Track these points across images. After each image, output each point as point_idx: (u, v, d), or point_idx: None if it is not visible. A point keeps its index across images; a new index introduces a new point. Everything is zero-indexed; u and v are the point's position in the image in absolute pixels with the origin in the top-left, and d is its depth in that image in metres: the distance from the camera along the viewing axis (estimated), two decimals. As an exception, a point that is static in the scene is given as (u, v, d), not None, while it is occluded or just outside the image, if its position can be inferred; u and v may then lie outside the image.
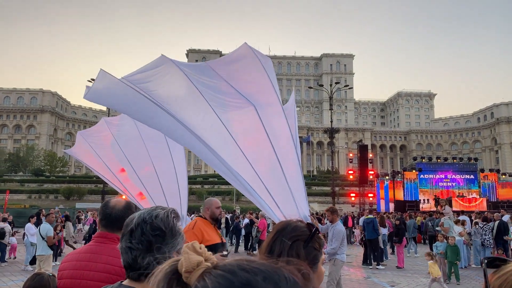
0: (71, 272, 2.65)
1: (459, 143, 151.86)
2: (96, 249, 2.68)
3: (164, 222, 1.82)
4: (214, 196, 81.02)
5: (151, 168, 5.92)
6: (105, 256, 2.61)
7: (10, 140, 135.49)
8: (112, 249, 2.63)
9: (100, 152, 6.02)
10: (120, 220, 2.72)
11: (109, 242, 2.70)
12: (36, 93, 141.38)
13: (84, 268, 2.61)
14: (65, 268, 2.71)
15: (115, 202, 2.86)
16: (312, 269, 1.85)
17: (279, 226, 1.97)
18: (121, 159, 5.96)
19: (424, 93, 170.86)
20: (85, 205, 57.42)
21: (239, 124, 3.69)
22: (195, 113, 3.55)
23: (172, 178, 6.08)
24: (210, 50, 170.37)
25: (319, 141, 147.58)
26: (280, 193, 3.77)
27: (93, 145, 6.08)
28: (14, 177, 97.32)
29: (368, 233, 17.63)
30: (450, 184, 49.50)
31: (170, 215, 1.86)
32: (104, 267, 2.56)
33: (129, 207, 2.85)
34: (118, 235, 2.70)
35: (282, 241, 1.86)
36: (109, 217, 2.78)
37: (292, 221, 2.01)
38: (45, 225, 12.78)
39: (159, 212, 1.85)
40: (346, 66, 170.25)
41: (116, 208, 2.80)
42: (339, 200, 64.36)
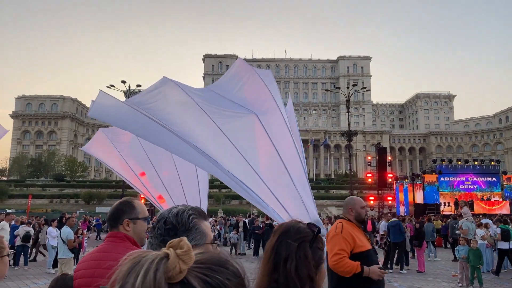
0: (84, 271, 2.74)
1: (480, 145, 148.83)
2: (107, 248, 2.78)
3: (176, 217, 1.90)
4: (231, 200, 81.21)
5: (173, 171, 5.93)
6: (114, 254, 2.67)
7: (32, 146, 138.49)
8: (121, 246, 2.72)
9: (123, 152, 6.04)
10: (110, 219, 2.88)
11: (119, 240, 2.78)
12: (57, 99, 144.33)
13: (95, 267, 2.69)
14: (80, 268, 2.81)
15: (113, 205, 2.97)
16: (318, 269, 1.88)
17: (282, 228, 1.97)
18: (143, 160, 5.99)
19: (443, 94, 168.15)
20: (105, 209, 58.18)
21: (241, 133, 3.73)
22: (197, 127, 3.63)
23: (193, 181, 6.10)
24: (226, 54, 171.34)
25: (336, 144, 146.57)
26: (289, 198, 3.78)
27: (116, 143, 6.07)
28: (36, 182, 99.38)
29: (395, 236, 17.35)
30: (472, 186, 48.46)
31: (186, 212, 1.92)
32: (113, 265, 2.59)
33: (117, 206, 2.92)
34: (125, 233, 2.82)
35: (288, 243, 1.86)
36: (107, 218, 2.93)
37: (293, 223, 2.02)
38: (66, 228, 12.98)
39: (175, 209, 1.95)
40: (363, 68, 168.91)
41: (112, 208, 2.93)
42: (357, 203, 63.52)
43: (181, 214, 1.91)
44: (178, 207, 1.98)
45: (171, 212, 1.93)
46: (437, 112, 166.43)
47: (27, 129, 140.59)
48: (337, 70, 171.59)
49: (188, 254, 0.82)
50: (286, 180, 3.74)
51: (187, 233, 1.86)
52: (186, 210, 1.94)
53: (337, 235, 4.57)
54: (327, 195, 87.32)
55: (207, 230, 1.95)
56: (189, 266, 0.81)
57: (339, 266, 4.41)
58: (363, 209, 4.84)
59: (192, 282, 0.80)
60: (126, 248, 2.68)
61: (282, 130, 3.81)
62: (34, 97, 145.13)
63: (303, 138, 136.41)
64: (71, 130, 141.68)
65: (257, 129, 3.70)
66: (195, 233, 1.88)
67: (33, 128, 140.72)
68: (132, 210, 2.90)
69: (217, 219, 34.07)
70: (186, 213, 1.92)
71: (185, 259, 0.81)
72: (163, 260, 0.81)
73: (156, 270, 0.79)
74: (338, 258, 4.42)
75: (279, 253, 1.84)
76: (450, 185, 48.57)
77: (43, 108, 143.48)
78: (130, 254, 0.84)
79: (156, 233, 1.90)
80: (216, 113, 3.64)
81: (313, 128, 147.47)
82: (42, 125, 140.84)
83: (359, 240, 4.57)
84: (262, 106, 3.80)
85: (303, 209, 3.79)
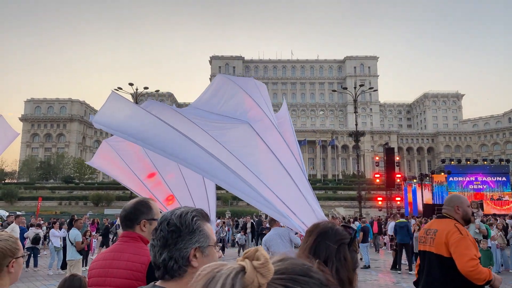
0: (98, 271, 2.78)
1: (489, 144, 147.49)
2: (120, 248, 2.80)
3: (180, 219, 1.86)
4: (238, 201, 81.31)
5: (177, 173, 5.94)
6: (127, 254, 2.71)
7: (41, 149, 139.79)
8: (135, 247, 2.75)
9: (127, 159, 6.05)
10: (126, 219, 2.88)
11: (132, 240, 2.80)
12: (65, 102, 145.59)
13: (109, 266, 2.72)
14: (93, 267, 2.85)
15: (127, 204, 2.97)
16: (355, 272, 1.85)
17: (319, 229, 1.93)
18: (148, 163, 6.00)
19: (451, 93, 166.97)
20: (114, 211, 58.49)
21: (238, 143, 3.74)
22: (195, 137, 3.62)
23: (199, 182, 6.09)
24: (233, 56, 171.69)
25: (344, 145, 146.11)
26: (294, 201, 3.77)
27: (120, 152, 6.09)
28: (46, 185, 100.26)
29: (402, 237, 17.24)
30: (481, 186, 48.07)
31: (190, 213, 1.89)
32: (125, 265, 2.67)
33: (135, 205, 2.91)
34: (139, 233, 2.83)
35: (327, 245, 1.83)
36: (121, 218, 2.92)
37: (330, 224, 1.98)
38: (74, 230, 13.06)
39: (177, 211, 1.91)
40: (370, 68, 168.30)
41: (125, 209, 2.92)
42: (365, 204, 63.34)
43: (184, 216, 1.87)
44: (181, 208, 1.95)
45: (174, 213, 1.89)
46: (445, 112, 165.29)
47: (36, 132, 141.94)
48: (344, 71, 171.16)
49: (266, 266, 0.74)
50: (289, 183, 3.74)
51: (191, 235, 1.84)
52: (189, 211, 1.91)
53: (464, 238, 4.24)
54: (335, 196, 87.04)
55: (211, 232, 1.93)
56: (268, 280, 0.73)
57: (476, 273, 4.11)
58: (469, 208, 4.61)
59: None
60: (140, 248, 2.74)
61: (274, 135, 3.84)
62: (43, 100, 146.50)
63: (310, 139, 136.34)
64: (79, 133, 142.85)
65: (252, 136, 3.71)
66: (198, 235, 1.85)
67: (42, 131, 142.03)
68: (149, 210, 2.91)
69: (225, 220, 34.10)
70: (190, 214, 1.89)
71: (263, 272, 0.74)
72: (240, 274, 0.74)
73: (232, 285, 0.72)
74: (476, 264, 4.14)
75: (318, 254, 1.81)
76: (459, 185, 48.22)
77: (51, 111, 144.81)
78: (203, 269, 0.78)
79: (158, 235, 1.85)
80: (208, 125, 3.66)
81: (320, 129, 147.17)
82: (51, 128, 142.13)
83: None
84: (249, 115, 3.85)
85: (309, 210, 3.78)
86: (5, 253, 2.22)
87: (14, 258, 2.26)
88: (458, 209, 4.53)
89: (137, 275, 2.59)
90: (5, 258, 2.22)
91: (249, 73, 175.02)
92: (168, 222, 1.85)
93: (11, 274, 2.25)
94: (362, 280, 14.76)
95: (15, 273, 2.28)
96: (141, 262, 2.65)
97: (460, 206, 4.53)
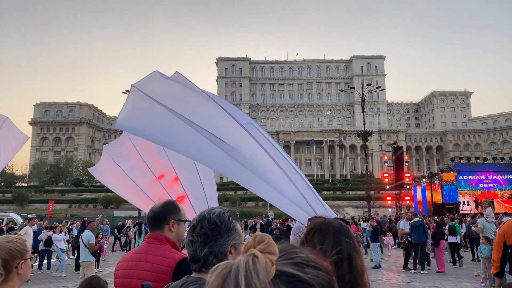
0: (124, 271, 2.80)
1: (499, 142, 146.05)
2: (146, 249, 2.80)
3: (219, 218, 2.04)
4: (247, 202, 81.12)
5: (194, 173, 5.92)
6: (153, 256, 2.73)
7: (51, 152, 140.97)
8: (161, 249, 2.76)
9: (125, 166, 5.95)
10: (156, 219, 2.88)
11: (157, 242, 2.80)
12: (74, 106, 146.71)
13: (135, 267, 2.74)
14: (119, 268, 2.87)
15: (156, 204, 2.98)
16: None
17: (332, 226, 1.98)
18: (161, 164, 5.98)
19: (459, 92, 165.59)
20: (123, 213, 58.88)
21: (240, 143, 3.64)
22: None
23: (197, 184, 6.06)
24: (239, 57, 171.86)
25: (351, 145, 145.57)
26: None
27: (118, 159, 6.00)
28: (55, 188, 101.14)
29: (418, 236, 17.05)
30: (491, 185, 47.56)
31: (226, 213, 2.08)
32: (151, 266, 2.69)
33: (165, 206, 2.93)
34: (165, 235, 2.84)
35: (346, 241, 1.91)
36: (149, 218, 2.93)
37: (332, 220, 2.06)
38: (87, 232, 13.17)
39: (216, 210, 2.09)
40: (377, 67, 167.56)
41: (153, 210, 2.94)
42: (374, 204, 63.07)
43: (222, 215, 2.05)
44: (216, 208, 2.12)
45: (212, 213, 2.06)
46: (453, 110, 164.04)
47: (45, 135, 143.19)
48: (351, 70, 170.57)
49: (270, 243, 0.80)
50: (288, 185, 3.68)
51: (229, 233, 2.02)
52: (226, 211, 2.09)
53: None
54: (344, 196, 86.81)
55: (241, 231, 2.12)
56: (277, 255, 0.79)
57: None
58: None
59: (285, 270, 0.77)
60: (166, 250, 2.74)
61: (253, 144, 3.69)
62: (52, 104, 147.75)
63: (318, 139, 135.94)
64: (88, 136, 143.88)
65: (252, 141, 3.56)
66: (234, 233, 2.04)
67: (51, 135, 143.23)
68: (178, 211, 2.94)
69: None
70: (226, 214, 2.07)
71: (270, 250, 0.79)
72: (255, 259, 0.77)
73: (256, 271, 0.75)
74: None
75: (342, 252, 1.87)
76: (469, 184, 47.76)
77: (60, 114, 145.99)
78: (213, 270, 0.80)
79: (199, 232, 2.00)
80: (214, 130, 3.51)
81: (327, 129, 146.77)
82: (60, 131, 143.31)
83: None
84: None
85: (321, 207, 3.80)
86: (14, 255, 2.25)
87: (23, 259, 2.28)
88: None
89: (162, 278, 2.60)
90: (14, 260, 2.24)
91: (255, 74, 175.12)
92: (208, 220, 2.02)
93: (20, 276, 2.28)
94: (373, 280, 14.71)
95: (24, 274, 2.30)
96: (167, 265, 2.66)
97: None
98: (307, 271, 0.78)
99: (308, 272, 0.79)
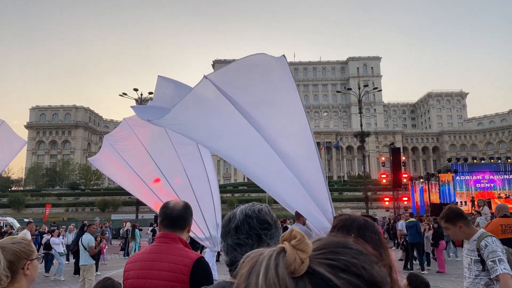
0: (137, 272, 2.72)
1: (495, 142, 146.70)
2: (161, 249, 2.75)
3: (268, 215, 1.85)
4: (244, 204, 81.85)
5: (184, 177, 5.91)
6: (170, 256, 2.68)
7: (47, 156, 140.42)
8: (176, 248, 2.72)
9: (125, 154, 5.96)
10: (180, 220, 2.85)
11: (172, 242, 2.76)
12: (70, 109, 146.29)
13: (150, 268, 2.68)
14: (130, 269, 2.79)
15: (174, 203, 2.94)
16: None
17: (357, 222, 1.95)
18: (153, 168, 5.95)
19: (455, 92, 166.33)
20: (120, 216, 58.62)
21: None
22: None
23: (205, 186, 6.06)
24: (235, 59, 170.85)
25: (348, 146, 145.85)
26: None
27: (122, 152, 5.98)
28: (52, 191, 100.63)
29: (411, 236, 17.19)
30: (488, 185, 47.76)
31: (268, 209, 1.90)
32: (169, 266, 2.64)
33: (187, 207, 2.93)
34: (179, 235, 2.81)
35: (371, 236, 1.86)
36: (170, 217, 2.85)
37: (356, 216, 2.02)
38: (87, 235, 13.10)
39: (261, 207, 1.88)
40: (373, 68, 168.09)
41: (176, 209, 2.88)
42: (372, 205, 63.16)
43: (269, 212, 1.88)
44: (257, 205, 1.92)
45: (258, 209, 1.86)
46: (449, 111, 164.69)
47: (41, 139, 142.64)
48: (347, 72, 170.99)
49: (304, 241, 0.77)
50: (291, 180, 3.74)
51: (277, 231, 1.86)
52: (264, 207, 1.91)
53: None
54: (341, 197, 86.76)
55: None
56: (309, 255, 0.75)
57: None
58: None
59: (317, 270, 0.73)
60: (181, 250, 2.71)
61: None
62: (48, 107, 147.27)
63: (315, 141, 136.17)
64: (84, 139, 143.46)
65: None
66: (279, 230, 1.87)
67: (47, 138, 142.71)
68: (192, 213, 2.97)
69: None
70: (269, 210, 1.90)
71: (302, 248, 0.76)
72: (281, 254, 0.75)
73: (276, 265, 0.73)
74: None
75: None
76: (466, 184, 47.94)
77: (56, 118, 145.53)
78: (247, 256, 0.79)
79: (250, 233, 1.80)
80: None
81: (324, 130, 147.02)
82: (56, 135, 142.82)
83: None
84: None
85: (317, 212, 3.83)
86: (20, 256, 2.24)
87: (29, 260, 2.27)
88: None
89: (180, 277, 2.58)
90: (20, 261, 2.23)
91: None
92: (258, 219, 1.81)
93: (28, 276, 2.27)
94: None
95: (31, 275, 2.30)
96: (185, 264, 2.62)
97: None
98: (342, 276, 0.72)
99: (343, 277, 0.72)
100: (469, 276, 4.26)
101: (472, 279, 4.19)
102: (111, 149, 6.14)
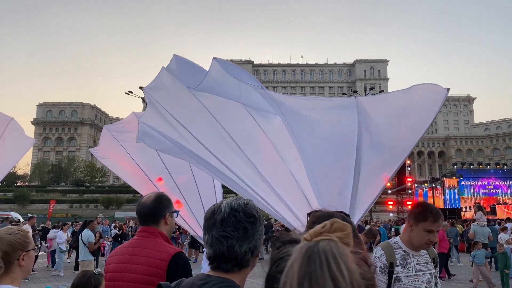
0: (115, 265, 2.73)
1: (501, 148, 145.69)
2: (140, 243, 2.75)
3: (254, 209, 1.81)
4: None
5: (189, 176, 5.87)
6: (148, 250, 2.67)
7: (53, 152, 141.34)
8: (155, 242, 2.70)
9: (135, 156, 5.92)
10: (150, 215, 2.82)
11: (152, 236, 2.75)
12: (76, 106, 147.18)
13: (128, 261, 2.68)
14: (110, 262, 2.81)
15: (145, 199, 2.90)
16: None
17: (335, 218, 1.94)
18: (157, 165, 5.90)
19: (462, 97, 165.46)
20: (124, 213, 58.91)
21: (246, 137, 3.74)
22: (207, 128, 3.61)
23: (210, 185, 6.03)
24: (242, 60, 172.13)
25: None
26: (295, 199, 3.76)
27: (125, 144, 5.93)
28: (57, 188, 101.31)
29: None
30: (494, 190, 47.49)
31: (252, 203, 1.86)
32: (145, 260, 2.63)
33: (159, 200, 2.86)
34: (158, 229, 2.78)
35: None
36: (139, 214, 2.85)
37: (337, 213, 2.05)
38: (87, 232, 13.16)
39: (246, 201, 1.84)
40: (380, 71, 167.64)
41: (145, 205, 2.84)
42: (376, 208, 62.87)
43: (254, 206, 1.85)
44: (242, 199, 1.87)
45: (244, 203, 1.80)
46: (456, 115, 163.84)
47: (47, 135, 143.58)
48: (354, 74, 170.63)
49: (349, 236, 0.76)
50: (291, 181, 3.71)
51: (261, 225, 1.84)
52: (249, 201, 1.88)
53: None
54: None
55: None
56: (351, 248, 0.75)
57: None
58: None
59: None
60: (160, 244, 2.69)
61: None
62: (55, 104, 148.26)
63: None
64: (90, 136, 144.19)
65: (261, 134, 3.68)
66: (262, 224, 1.86)
67: (54, 135, 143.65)
68: (170, 203, 2.90)
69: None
70: (254, 204, 1.88)
71: (347, 242, 0.76)
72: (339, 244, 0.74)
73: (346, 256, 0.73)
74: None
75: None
76: (471, 189, 47.71)
77: (63, 115, 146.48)
78: (296, 249, 0.76)
79: (236, 226, 1.74)
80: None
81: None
82: (62, 132, 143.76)
83: None
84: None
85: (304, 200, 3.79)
86: (15, 247, 2.22)
87: (24, 251, 2.26)
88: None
89: (156, 272, 2.56)
90: (15, 252, 2.22)
91: (258, 77, 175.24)
92: (245, 212, 1.77)
93: (23, 267, 2.26)
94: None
95: (27, 266, 2.28)
96: (161, 259, 2.61)
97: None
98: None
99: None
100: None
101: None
102: (111, 137, 6.09)
